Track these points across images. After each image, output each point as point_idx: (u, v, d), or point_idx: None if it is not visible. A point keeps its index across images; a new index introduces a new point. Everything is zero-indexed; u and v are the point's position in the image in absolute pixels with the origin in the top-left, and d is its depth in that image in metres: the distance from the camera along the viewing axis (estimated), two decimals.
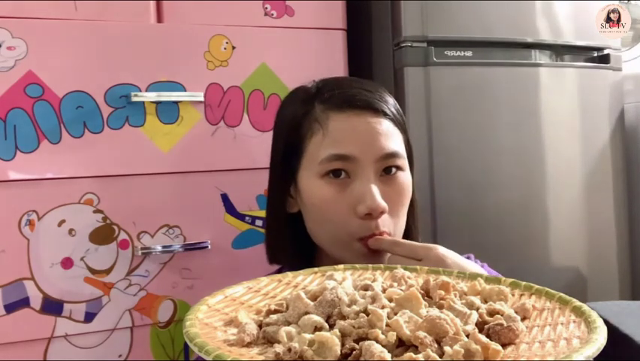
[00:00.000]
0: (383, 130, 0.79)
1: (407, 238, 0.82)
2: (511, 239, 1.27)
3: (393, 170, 0.79)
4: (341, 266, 0.67)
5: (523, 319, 0.52)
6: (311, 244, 0.84)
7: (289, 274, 0.65)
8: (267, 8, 1.13)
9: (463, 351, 0.42)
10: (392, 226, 0.78)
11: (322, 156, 0.77)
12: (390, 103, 0.83)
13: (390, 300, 0.51)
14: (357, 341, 0.45)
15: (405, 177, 0.81)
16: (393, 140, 0.79)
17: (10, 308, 0.96)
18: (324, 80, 0.86)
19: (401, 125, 0.83)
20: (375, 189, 0.76)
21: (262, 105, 1.12)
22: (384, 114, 0.80)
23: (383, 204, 0.75)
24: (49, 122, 0.98)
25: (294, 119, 0.82)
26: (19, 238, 0.97)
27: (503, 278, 0.61)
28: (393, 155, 0.78)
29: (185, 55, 1.06)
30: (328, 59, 1.17)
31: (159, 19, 1.06)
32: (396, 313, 0.48)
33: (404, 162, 0.81)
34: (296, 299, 0.51)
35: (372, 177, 0.77)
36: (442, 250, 0.71)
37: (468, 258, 0.86)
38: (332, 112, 0.79)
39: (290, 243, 0.85)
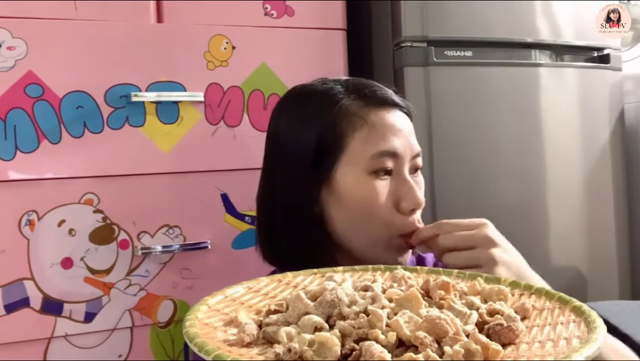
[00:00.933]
0: (412, 129, 0.82)
1: None
2: (511, 239, 1.26)
3: (419, 169, 0.82)
4: (340, 268, 0.67)
5: (523, 319, 0.52)
6: (326, 247, 0.81)
7: (289, 275, 0.65)
8: (267, 8, 1.13)
9: (463, 351, 0.42)
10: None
11: (372, 151, 0.76)
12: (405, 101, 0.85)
13: (390, 300, 0.51)
14: (357, 342, 0.45)
15: (422, 176, 0.84)
16: (416, 139, 0.82)
17: (10, 308, 0.96)
18: (340, 79, 0.84)
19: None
20: (415, 186, 0.78)
21: (262, 105, 1.12)
22: (409, 114, 0.83)
23: (423, 200, 0.78)
24: (49, 122, 0.98)
25: (326, 119, 0.79)
26: (19, 238, 0.97)
27: (503, 278, 0.61)
28: (419, 154, 0.81)
29: (185, 55, 1.06)
30: (328, 59, 1.17)
31: (159, 19, 1.06)
32: (396, 314, 0.48)
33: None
34: (296, 299, 0.51)
35: (409, 175, 0.79)
36: (491, 229, 0.75)
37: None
38: (373, 108, 0.79)
39: (310, 245, 0.81)
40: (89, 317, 1.00)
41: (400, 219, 0.77)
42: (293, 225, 0.81)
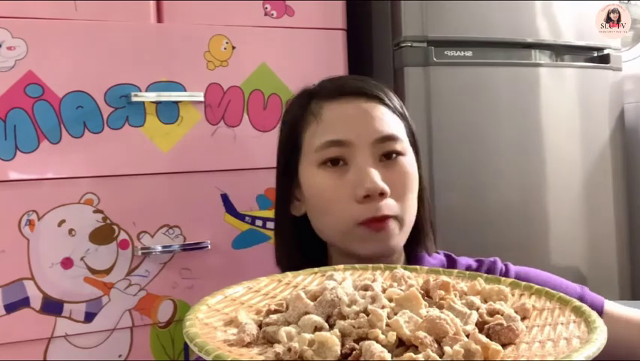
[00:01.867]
0: (377, 114, 0.78)
1: (417, 229, 0.81)
2: (511, 239, 1.27)
3: (394, 154, 0.78)
4: (341, 266, 0.67)
5: (523, 319, 0.52)
6: (319, 248, 0.82)
7: (289, 274, 0.65)
8: (267, 8, 1.13)
9: (463, 351, 0.42)
10: (399, 210, 0.76)
11: (317, 144, 0.77)
12: (388, 92, 0.82)
13: (390, 300, 0.51)
14: (357, 341, 0.45)
15: (407, 161, 0.79)
16: (389, 124, 0.78)
17: (10, 308, 0.96)
18: (324, 79, 0.86)
19: (400, 113, 0.81)
20: (372, 171, 0.74)
21: (262, 105, 1.12)
22: (379, 99, 0.79)
23: (381, 184, 0.73)
24: (49, 122, 0.98)
25: (293, 118, 0.82)
26: (19, 238, 0.97)
27: (503, 278, 0.61)
28: (390, 137, 0.77)
29: (185, 55, 1.06)
30: (328, 59, 1.17)
31: (159, 19, 1.06)
32: (396, 313, 0.48)
33: (404, 146, 0.79)
34: (296, 299, 0.51)
35: (370, 161, 0.75)
36: None
37: (494, 262, 0.84)
38: (325, 102, 0.79)
39: (297, 247, 0.83)
40: (89, 317, 1.00)
41: (355, 207, 0.74)
42: (283, 227, 0.84)
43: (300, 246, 0.83)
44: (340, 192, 0.75)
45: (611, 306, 0.79)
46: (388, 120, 0.78)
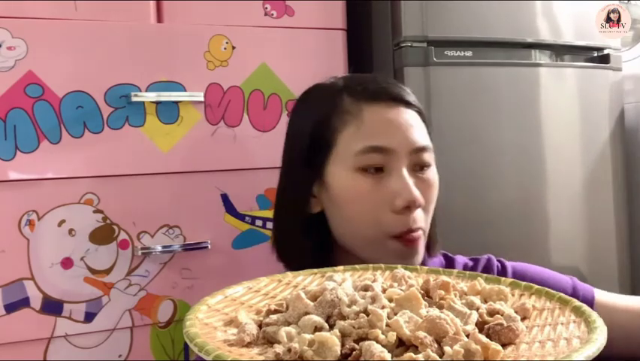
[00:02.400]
0: (414, 122, 0.77)
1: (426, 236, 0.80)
2: (511, 239, 1.27)
3: (426, 166, 0.77)
4: (340, 267, 0.67)
5: (523, 319, 0.52)
6: (329, 247, 0.80)
7: (289, 274, 0.65)
8: (267, 8, 1.13)
9: (463, 351, 0.42)
10: (425, 222, 0.76)
11: (357, 148, 0.74)
12: (414, 96, 0.81)
13: (391, 300, 0.51)
14: (357, 341, 0.45)
15: (434, 173, 0.79)
16: (423, 133, 0.78)
17: (10, 308, 0.96)
18: (347, 75, 0.84)
19: (425, 118, 0.81)
20: (411, 182, 0.74)
21: (262, 105, 1.12)
22: (413, 106, 0.79)
23: (420, 197, 0.73)
24: (49, 122, 0.98)
25: (320, 114, 0.78)
26: (19, 238, 0.97)
27: (503, 278, 0.61)
28: (425, 149, 0.77)
29: (185, 55, 1.06)
30: (328, 59, 1.17)
31: (159, 19, 1.06)
32: (396, 314, 0.48)
33: (433, 156, 0.79)
34: (296, 299, 0.51)
35: (406, 171, 0.75)
36: None
37: (489, 259, 0.85)
38: (364, 104, 0.76)
39: (311, 245, 0.80)
40: (89, 317, 1.00)
41: (391, 218, 0.73)
42: (293, 224, 0.81)
43: (314, 243, 0.80)
44: (376, 199, 0.73)
45: (602, 294, 0.81)
46: (422, 129, 0.78)
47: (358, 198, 0.74)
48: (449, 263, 0.86)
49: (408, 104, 0.78)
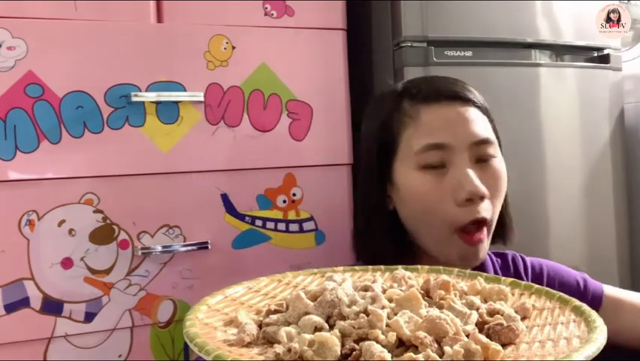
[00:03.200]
0: (473, 117, 0.80)
1: (500, 227, 0.84)
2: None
3: (489, 158, 0.80)
4: (340, 268, 0.67)
5: (523, 318, 0.52)
6: (409, 243, 0.84)
7: (289, 274, 0.65)
8: (267, 8, 1.13)
9: (463, 351, 0.42)
10: (491, 213, 0.78)
11: (417, 147, 0.78)
12: (475, 92, 0.84)
13: (391, 300, 0.51)
14: (357, 342, 0.45)
15: (499, 163, 0.81)
16: (483, 126, 0.80)
17: (10, 308, 0.96)
18: (408, 80, 0.89)
19: (488, 113, 0.84)
20: (472, 174, 0.76)
21: (262, 105, 1.12)
22: (472, 102, 0.81)
23: (482, 188, 0.75)
24: (49, 122, 0.98)
25: (384, 119, 0.83)
26: (19, 238, 0.97)
27: (503, 278, 0.61)
28: (485, 141, 0.79)
29: (185, 55, 1.06)
30: (328, 59, 1.17)
31: (159, 19, 1.06)
32: (396, 314, 0.48)
33: (496, 148, 0.81)
34: (296, 299, 0.51)
35: (468, 164, 0.77)
36: None
37: (514, 255, 0.90)
38: (421, 105, 0.80)
39: (393, 241, 0.84)
40: (89, 317, 1.00)
41: (456, 210, 0.76)
42: (369, 223, 0.85)
43: (395, 239, 0.84)
44: (439, 194, 0.76)
45: (611, 289, 0.85)
46: (482, 123, 0.81)
47: (423, 195, 0.77)
48: (515, 264, 0.90)
49: (466, 101, 0.80)
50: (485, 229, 0.77)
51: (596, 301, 0.83)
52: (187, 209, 1.06)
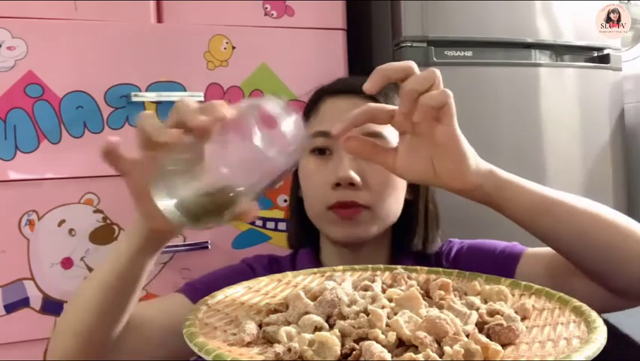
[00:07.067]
0: None
1: (410, 229, 0.88)
2: (510, 239, 1.27)
3: None
4: (340, 267, 0.67)
5: (523, 319, 0.52)
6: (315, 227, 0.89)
7: (289, 274, 0.65)
8: (267, 8, 1.13)
9: (463, 351, 0.42)
10: (372, 202, 0.80)
11: (310, 133, 0.84)
12: (390, 94, 0.84)
13: (390, 300, 0.51)
14: (357, 341, 0.45)
15: None
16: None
17: (10, 308, 0.96)
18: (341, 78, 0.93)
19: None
20: (346, 162, 0.79)
21: None
22: (373, 99, 0.80)
23: (352, 174, 0.79)
24: (49, 122, 0.98)
25: (305, 110, 0.90)
26: (19, 238, 0.97)
27: (503, 278, 0.61)
28: (374, 134, 0.79)
29: (185, 55, 1.06)
30: (328, 59, 1.17)
31: (159, 19, 1.06)
32: (396, 314, 0.48)
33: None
34: (296, 299, 0.51)
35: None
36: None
37: (450, 242, 0.92)
38: (327, 97, 0.86)
39: (301, 225, 0.91)
40: None
41: (330, 193, 0.81)
42: (294, 206, 0.93)
43: (302, 223, 0.90)
44: (320, 178, 0.82)
45: (535, 249, 0.85)
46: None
47: (308, 176, 0.84)
48: (424, 258, 0.89)
49: (367, 97, 0.79)
50: (360, 210, 0.80)
51: (512, 258, 0.83)
52: None
